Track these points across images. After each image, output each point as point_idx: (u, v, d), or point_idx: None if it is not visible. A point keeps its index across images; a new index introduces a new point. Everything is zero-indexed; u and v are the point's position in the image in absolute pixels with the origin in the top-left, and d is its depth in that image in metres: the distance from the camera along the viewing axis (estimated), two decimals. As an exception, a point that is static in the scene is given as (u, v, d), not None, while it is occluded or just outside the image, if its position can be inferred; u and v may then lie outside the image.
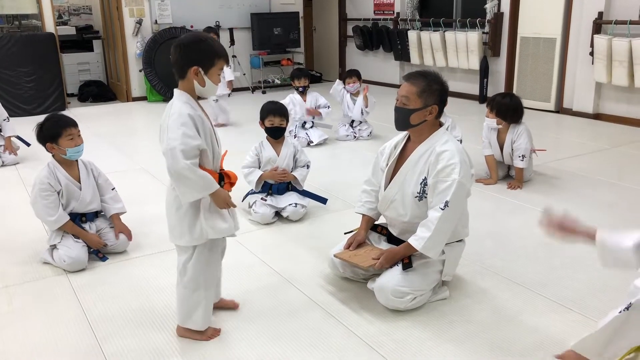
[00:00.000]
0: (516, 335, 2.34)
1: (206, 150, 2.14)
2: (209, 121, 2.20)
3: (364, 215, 2.78)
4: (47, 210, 2.98)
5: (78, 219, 3.11)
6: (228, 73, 6.52)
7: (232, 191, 2.30)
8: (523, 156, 4.13)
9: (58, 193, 3.01)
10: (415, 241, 2.42)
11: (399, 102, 2.51)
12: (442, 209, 2.36)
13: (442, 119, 2.59)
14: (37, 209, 3.01)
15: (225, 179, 2.24)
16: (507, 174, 4.45)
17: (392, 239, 2.69)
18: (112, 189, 3.26)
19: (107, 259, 3.12)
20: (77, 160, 3.11)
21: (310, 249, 3.22)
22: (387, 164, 2.66)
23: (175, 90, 2.17)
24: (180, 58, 2.12)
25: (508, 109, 4.11)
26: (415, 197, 2.50)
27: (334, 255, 2.70)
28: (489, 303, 2.60)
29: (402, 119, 2.50)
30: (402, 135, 2.68)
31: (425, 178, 2.47)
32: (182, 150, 2.04)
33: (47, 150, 3.03)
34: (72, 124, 3.02)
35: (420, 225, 2.44)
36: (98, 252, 3.12)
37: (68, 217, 3.03)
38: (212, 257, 2.28)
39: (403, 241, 2.56)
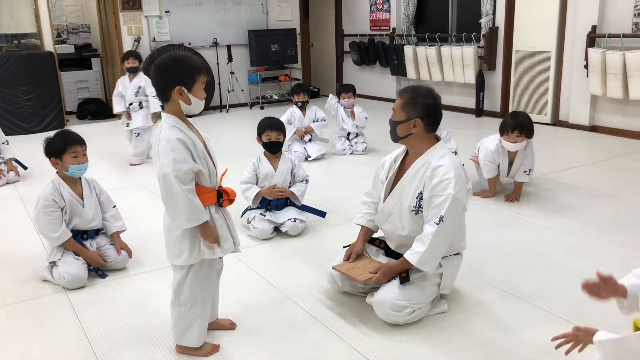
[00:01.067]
0: (515, 347, 2.35)
1: (202, 170, 2.16)
2: (200, 140, 2.21)
3: (362, 226, 2.80)
4: (51, 226, 2.99)
5: (79, 236, 3.12)
6: (154, 104, 5.63)
7: (230, 206, 2.32)
8: (530, 170, 4.16)
9: (61, 209, 3.03)
10: (410, 255, 2.43)
11: (391, 115, 2.57)
12: (437, 224, 2.38)
13: (436, 133, 2.61)
14: (41, 225, 3.02)
15: (224, 195, 2.26)
16: (502, 189, 4.44)
17: (390, 253, 2.71)
18: (114, 207, 3.28)
19: (107, 276, 3.13)
20: (80, 178, 3.14)
21: (309, 264, 3.23)
22: (387, 177, 2.69)
23: (163, 114, 2.18)
24: (161, 81, 2.13)
25: (530, 123, 4.04)
26: (412, 210, 2.52)
27: (333, 268, 2.71)
28: (487, 316, 2.61)
29: (392, 131, 2.58)
30: (402, 148, 2.71)
31: (421, 192, 2.49)
32: (176, 176, 2.06)
33: (51, 164, 3.06)
34: (79, 141, 3.06)
35: (415, 239, 2.46)
36: (98, 270, 3.12)
37: (70, 234, 3.04)
38: (209, 275, 2.30)
39: (401, 254, 2.57)
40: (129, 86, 5.76)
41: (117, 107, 5.87)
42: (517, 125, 3.97)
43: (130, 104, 5.75)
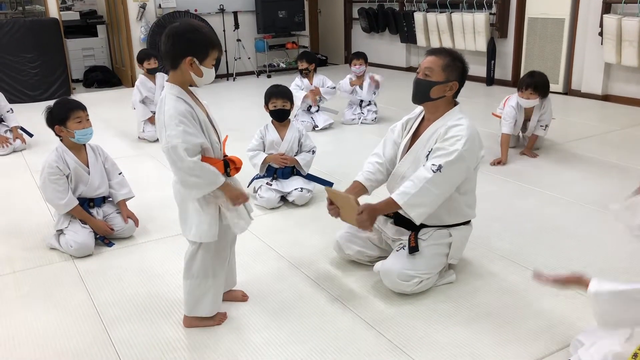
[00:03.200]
0: (523, 318, 2.33)
1: (206, 144, 2.11)
2: (203, 111, 2.15)
3: (357, 181, 2.68)
4: (57, 194, 2.99)
5: (86, 204, 3.11)
6: None
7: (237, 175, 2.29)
8: (546, 126, 4.50)
9: (67, 177, 3.02)
10: (398, 195, 2.35)
11: (420, 74, 2.49)
12: (434, 172, 2.31)
13: None
14: (47, 192, 3.02)
15: (230, 164, 2.22)
16: (517, 144, 4.76)
17: (399, 222, 2.67)
18: (119, 174, 3.27)
19: (114, 244, 3.13)
20: (85, 145, 3.11)
21: (316, 233, 3.21)
22: (401, 140, 2.64)
23: (166, 84, 2.12)
24: (172, 48, 2.05)
25: (544, 84, 4.38)
26: None
27: (326, 189, 2.57)
28: (496, 286, 2.59)
29: (422, 91, 2.47)
30: (415, 113, 2.66)
31: (432, 148, 2.44)
32: (186, 149, 2.01)
33: (55, 133, 3.04)
34: (81, 107, 3.03)
35: (407, 179, 2.40)
36: (104, 238, 3.12)
37: (77, 202, 3.04)
38: (221, 247, 2.25)
39: (410, 222, 2.54)
40: (154, 87, 5.30)
41: (144, 113, 5.28)
42: (531, 83, 4.33)
43: None
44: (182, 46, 2.04)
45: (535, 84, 4.30)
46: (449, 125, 2.42)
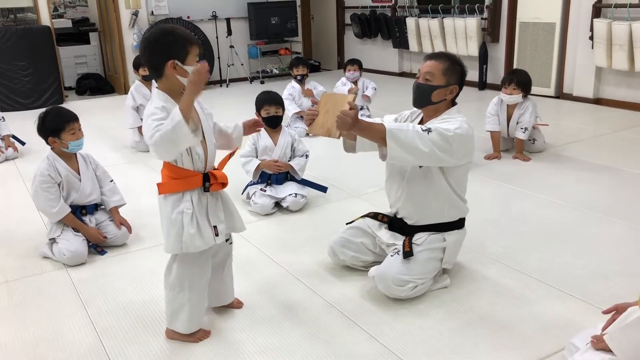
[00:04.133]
0: (517, 322, 2.33)
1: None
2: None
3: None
4: (49, 202, 2.98)
5: (78, 211, 3.10)
6: None
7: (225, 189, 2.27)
8: (525, 129, 4.48)
9: (58, 185, 3.01)
10: (389, 123, 2.30)
11: (421, 79, 2.50)
12: (423, 131, 2.29)
13: None
14: (39, 201, 3.01)
15: (211, 179, 2.13)
16: (511, 147, 4.78)
17: (393, 227, 2.67)
18: (111, 181, 3.26)
19: (106, 252, 3.11)
20: (75, 153, 3.10)
21: (311, 239, 3.20)
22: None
23: (154, 90, 2.10)
24: (152, 57, 2.03)
25: (526, 81, 4.47)
26: (420, 166, 2.47)
27: (322, 94, 2.47)
28: (490, 290, 2.59)
29: (424, 96, 2.49)
30: (414, 113, 2.67)
31: None
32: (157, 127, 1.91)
33: (48, 143, 3.03)
34: (74, 118, 3.03)
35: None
36: (97, 246, 3.11)
37: (69, 209, 3.03)
38: (199, 261, 2.18)
39: (404, 226, 2.55)
40: (150, 95, 5.05)
41: (135, 121, 5.13)
42: (514, 79, 4.46)
43: None
44: (160, 52, 2.01)
45: (518, 79, 4.43)
46: (444, 117, 2.46)
